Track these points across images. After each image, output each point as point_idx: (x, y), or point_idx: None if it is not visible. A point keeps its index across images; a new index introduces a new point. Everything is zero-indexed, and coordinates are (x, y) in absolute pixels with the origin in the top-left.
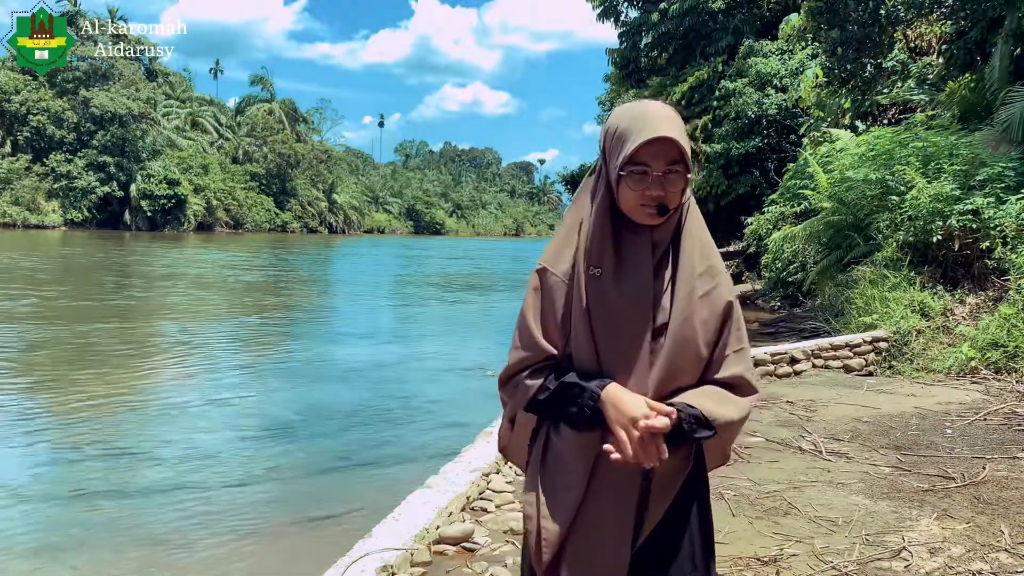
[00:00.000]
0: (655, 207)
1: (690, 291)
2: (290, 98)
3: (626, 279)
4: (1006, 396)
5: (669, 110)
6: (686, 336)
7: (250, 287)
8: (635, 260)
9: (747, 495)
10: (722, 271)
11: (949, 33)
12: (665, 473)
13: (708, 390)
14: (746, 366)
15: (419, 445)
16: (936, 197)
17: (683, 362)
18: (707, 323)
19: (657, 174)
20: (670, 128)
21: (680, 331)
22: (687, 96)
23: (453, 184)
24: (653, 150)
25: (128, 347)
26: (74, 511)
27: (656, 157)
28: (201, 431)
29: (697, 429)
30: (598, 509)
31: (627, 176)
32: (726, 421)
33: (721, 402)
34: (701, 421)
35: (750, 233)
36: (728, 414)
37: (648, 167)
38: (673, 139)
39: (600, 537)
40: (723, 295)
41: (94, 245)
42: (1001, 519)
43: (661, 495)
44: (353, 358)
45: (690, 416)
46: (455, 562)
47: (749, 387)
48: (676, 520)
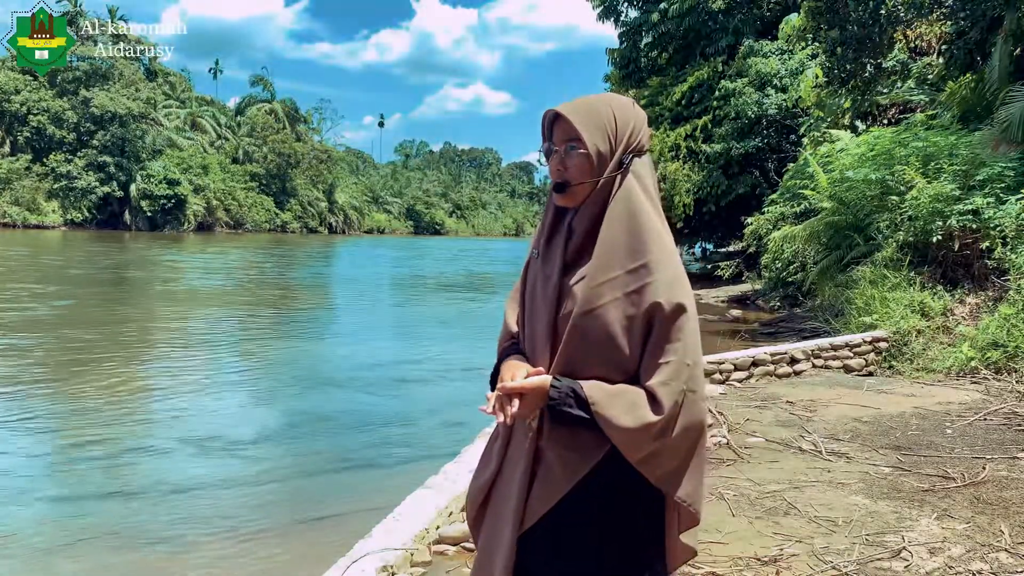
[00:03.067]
0: (554, 184)
1: (603, 282)
2: (291, 98)
3: (548, 262)
4: (1006, 396)
5: (602, 98)
6: (589, 327)
7: (250, 287)
8: (556, 244)
9: (747, 495)
10: (660, 269)
11: (949, 33)
12: (556, 459)
13: (616, 387)
14: (663, 379)
15: (419, 445)
16: (936, 197)
17: (582, 355)
18: (632, 320)
19: (556, 149)
20: (569, 108)
21: (580, 322)
22: (687, 96)
23: (453, 184)
24: (557, 128)
25: (128, 347)
26: (73, 511)
27: (559, 133)
28: (201, 431)
29: (567, 402)
30: (502, 485)
31: (544, 156)
32: (611, 418)
33: (621, 400)
34: (577, 399)
35: (750, 233)
36: (618, 414)
37: (552, 144)
38: (563, 115)
39: (501, 513)
40: (651, 295)
41: (94, 245)
42: (1001, 519)
43: (547, 480)
44: (353, 358)
45: (567, 388)
46: (455, 562)
47: (658, 404)
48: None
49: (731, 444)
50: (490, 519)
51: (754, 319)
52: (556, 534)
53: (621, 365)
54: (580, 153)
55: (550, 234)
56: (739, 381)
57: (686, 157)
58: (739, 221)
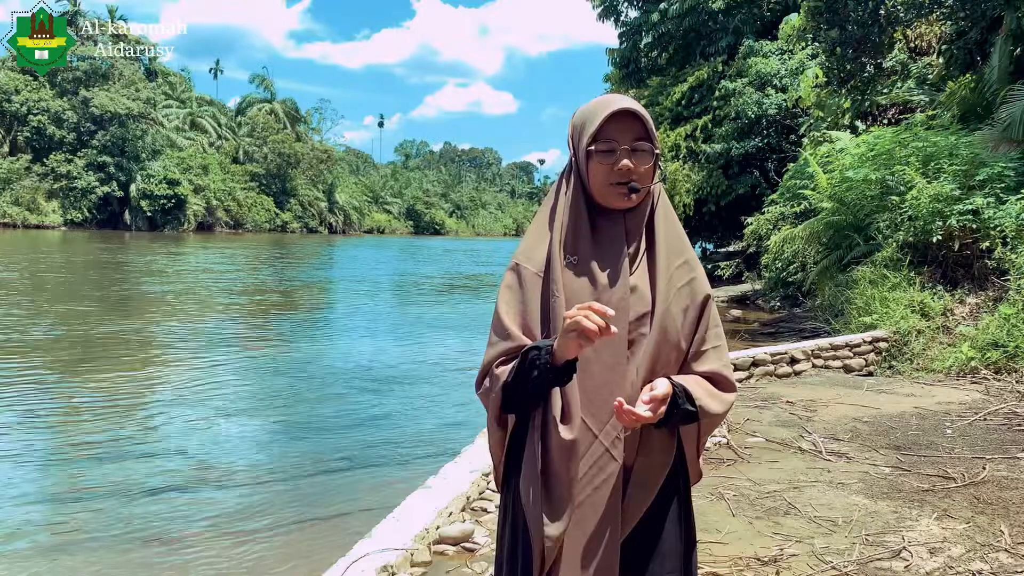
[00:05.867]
0: (627, 187)
1: (669, 280)
2: (291, 98)
3: (602, 266)
4: (1006, 396)
5: (632, 99)
6: (668, 326)
7: (250, 288)
8: (610, 247)
9: (747, 495)
10: (698, 265)
11: (949, 33)
12: (646, 465)
13: (695, 378)
14: (724, 362)
15: (419, 445)
16: (936, 197)
17: (666, 352)
18: (687, 315)
19: (624, 147)
20: (632, 105)
21: (663, 320)
22: (687, 96)
23: (453, 184)
24: (618, 125)
25: (127, 347)
26: (73, 511)
27: (622, 132)
28: (201, 431)
29: (685, 403)
30: (586, 505)
31: (595, 153)
32: (708, 408)
33: (705, 391)
34: (688, 397)
35: (750, 233)
36: (711, 404)
37: (615, 141)
38: (637, 112)
39: (591, 532)
40: (701, 288)
41: (95, 246)
42: (1001, 519)
43: (643, 486)
44: (353, 358)
45: (680, 388)
46: (455, 562)
47: (729, 384)
48: (659, 516)
49: (731, 444)
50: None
51: (754, 319)
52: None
53: (681, 354)
54: (653, 154)
55: (592, 237)
56: (739, 381)
57: (686, 157)
58: (739, 221)
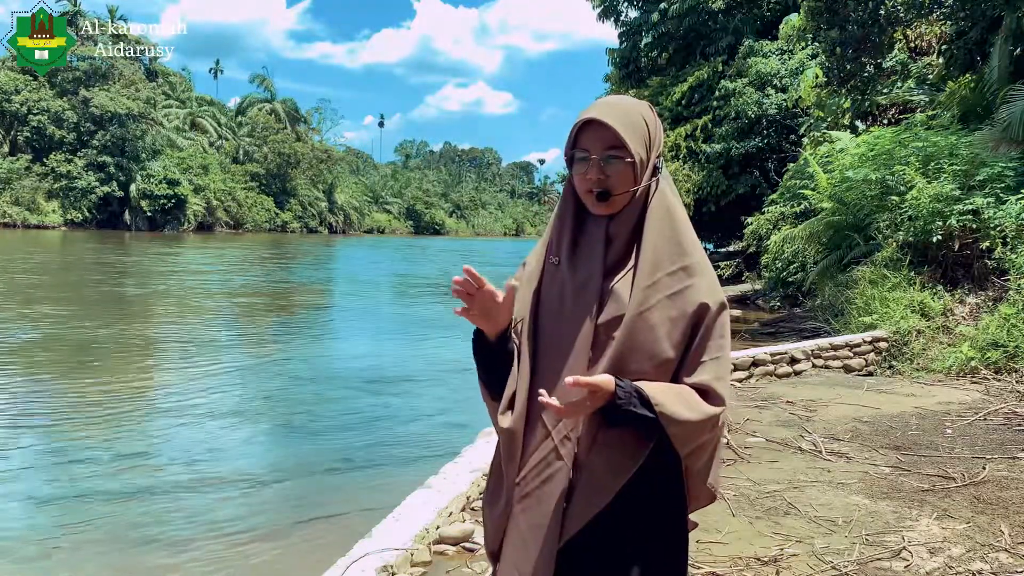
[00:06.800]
0: (596, 193)
1: (650, 285)
2: (291, 98)
3: (579, 268)
4: (1006, 396)
5: (629, 102)
6: (639, 328)
7: (250, 288)
8: (589, 250)
9: (747, 495)
10: (701, 272)
11: (949, 33)
12: (600, 466)
13: (670, 384)
14: (716, 375)
15: (419, 445)
16: (936, 197)
17: (634, 355)
18: (675, 322)
19: (595, 157)
20: (608, 114)
21: (633, 323)
22: (687, 96)
23: (453, 184)
24: (592, 135)
25: (127, 348)
26: (73, 512)
27: (594, 141)
28: (201, 432)
29: (632, 401)
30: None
31: (573, 161)
32: (673, 415)
33: (678, 397)
34: (640, 398)
35: (750, 233)
36: (679, 411)
37: (587, 151)
38: (607, 124)
39: (530, 528)
40: (697, 296)
41: (95, 246)
42: (1001, 519)
43: (594, 487)
44: (353, 358)
45: (631, 388)
46: (455, 562)
47: (717, 397)
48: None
49: (731, 444)
50: (514, 538)
51: (754, 319)
52: (597, 543)
53: (661, 364)
54: (625, 162)
55: (573, 239)
56: (739, 381)
57: (686, 157)
58: (739, 221)
